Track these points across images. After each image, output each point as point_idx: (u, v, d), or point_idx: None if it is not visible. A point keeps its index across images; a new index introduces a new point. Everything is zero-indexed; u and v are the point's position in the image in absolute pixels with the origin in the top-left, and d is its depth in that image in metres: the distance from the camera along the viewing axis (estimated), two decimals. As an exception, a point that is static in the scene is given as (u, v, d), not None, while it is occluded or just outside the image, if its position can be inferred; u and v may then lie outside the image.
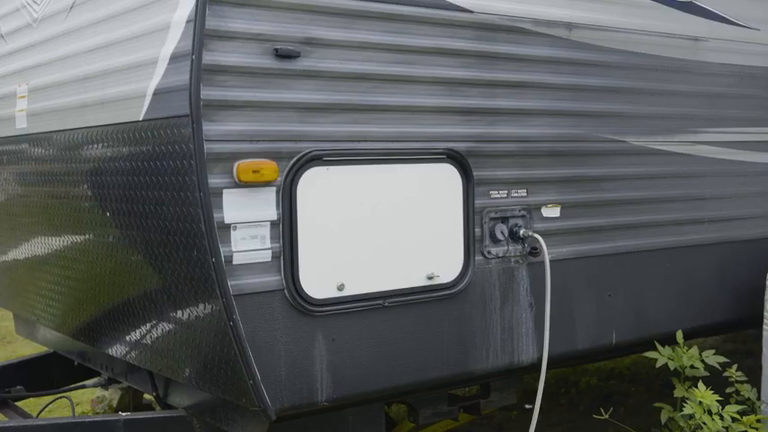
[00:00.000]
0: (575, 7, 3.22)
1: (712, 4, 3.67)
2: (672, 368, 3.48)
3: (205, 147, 2.40)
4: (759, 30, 3.84)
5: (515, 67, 3.07)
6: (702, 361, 3.51)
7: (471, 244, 2.97)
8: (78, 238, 3.29)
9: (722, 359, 3.60)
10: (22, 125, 3.52)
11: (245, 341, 2.48)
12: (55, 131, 3.26)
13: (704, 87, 3.66)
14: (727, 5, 3.74)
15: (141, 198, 2.70)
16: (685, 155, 3.61)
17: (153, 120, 2.59)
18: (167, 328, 2.84)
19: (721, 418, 3.31)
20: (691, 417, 3.32)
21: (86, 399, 4.76)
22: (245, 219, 2.48)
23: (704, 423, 3.27)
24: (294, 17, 2.55)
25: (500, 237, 3.04)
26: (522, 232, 3.09)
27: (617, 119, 3.38)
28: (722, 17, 3.72)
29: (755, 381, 3.70)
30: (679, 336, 3.53)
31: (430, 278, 2.90)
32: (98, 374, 3.95)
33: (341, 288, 2.71)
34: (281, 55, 2.53)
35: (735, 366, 3.69)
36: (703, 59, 3.65)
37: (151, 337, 2.95)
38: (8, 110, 3.63)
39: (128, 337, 3.10)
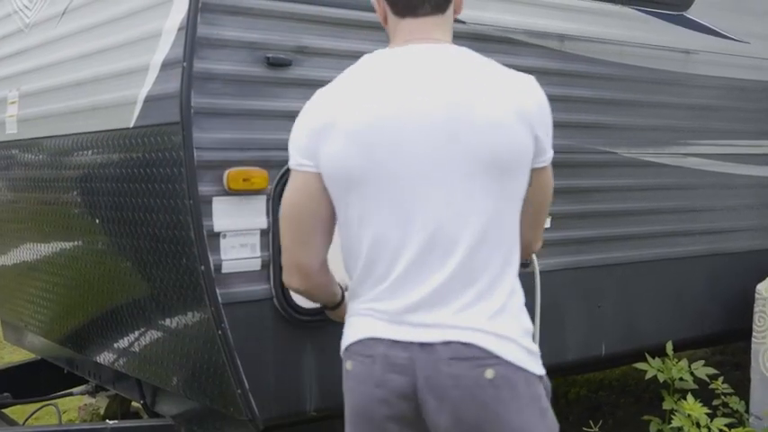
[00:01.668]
0: (567, 19, 3.23)
1: (703, 17, 3.69)
2: (661, 380, 3.48)
3: (195, 154, 2.40)
4: (749, 43, 3.86)
5: (507, 78, 3.07)
6: (691, 373, 3.51)
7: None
8: (68, 245, 3.28)
9: (711, 371, 3.60)
10: (12, 131, 3.51)
11: (234, 350, 2.47)
12: (45, 137, 3.25)
13: (695, 100, 3.68)
14: (718, 19, 3.76)
15: (131, 205, 2.69)
16: (676, 167, 3.62)
17: (144, 127, 2.59)
18: (156, 336, 2.83)
19: (709, 430, 3.31)
20: (679, 429, 3.33)
21: (74, 406, 4.73)
22: (235, 227, 2.47)
23: (693, 435, 3.28)
24: (286, 25, 2.54)
25: (490, 247, 3.04)
26: (512, 243, 3.08)
27: (608, 130, 3.39)
28: (713, 30, 3.74)
29: (744, 393, 3.70)
30: (669, 347, 3.53)
31: (420, 288, 2.89)
32: (86, 382, 3.93)
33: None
34: (273, 63, 2.53)
35: (721, 379, 3.69)
36: (694, 72, 3.67)
37: (139, 344, 2.93)
38: (-1, 115, 3.62)
39: (116, 345, 3.08)
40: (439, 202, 1.74)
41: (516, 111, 1.75)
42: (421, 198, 1.74)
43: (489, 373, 1.72)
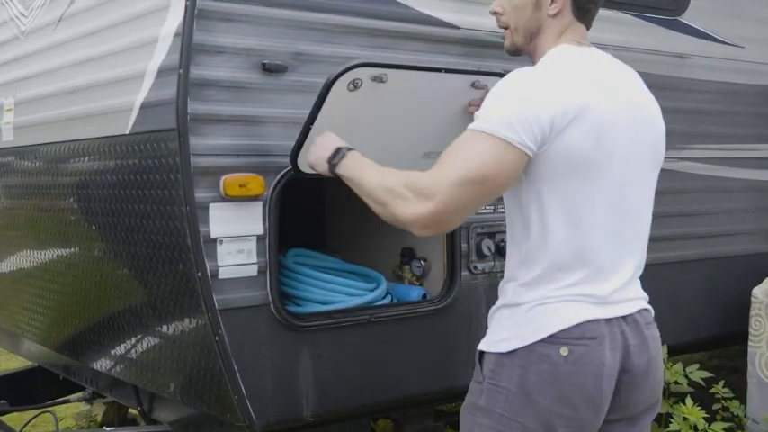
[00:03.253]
0: (562, 24, 3.24)
1: (698, 21, 3.70)
2: (658, 384, 3.48)
3: (192, 161, 2.40)
4: (744, 47, 3.88)
5: (502, 83, 3.07)
6: (686, 377, 3.51)
7: (458, 260, 2.97)
8: (64, 252, 3.28)
9: (707, 375, 3.61)
10: (8, 138, 3.51)
11: (231, 356, 2.47)
12: (41, 144, 3.25)
13: (689, 104, 3.69)
14: (713, 23, 3.77)
15: (127, 212, 2.70)
16: (671, 171, 3.63)
17: (140, 133, 2.59)
18: (152, 343, 2.82)
19: (707, 434, 3.32)
20: (676, 433, 3.33)
21: (70, 413, 4.73)
22: (232, 233, 2.47)
23: (690, 439, 3.28)
24: (282, 32, 2.55)
25: (486, 252, 3.04)
26: (508, 248, 3.09)
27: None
28: (708, 35, 3.75)
29: (741, 397, 3.71)
30: (663, 351, 3.53)
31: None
32: (83, 389, 3.92)
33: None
34: (269, 69, 2.53)
35: (722, 383, 3.70)
36: (689, 76, 3.68)
37: (136, 351, 2.93)
38: (-5, 122, 3.62)
39: (113, 352, 3.08)
40: (638, 193, 2.03)
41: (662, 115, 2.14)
42: (627, 191, 1.98)
43: (658, 331, 2.08)
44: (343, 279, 2.84)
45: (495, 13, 2.22)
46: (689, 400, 3.36)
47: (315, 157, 2.17)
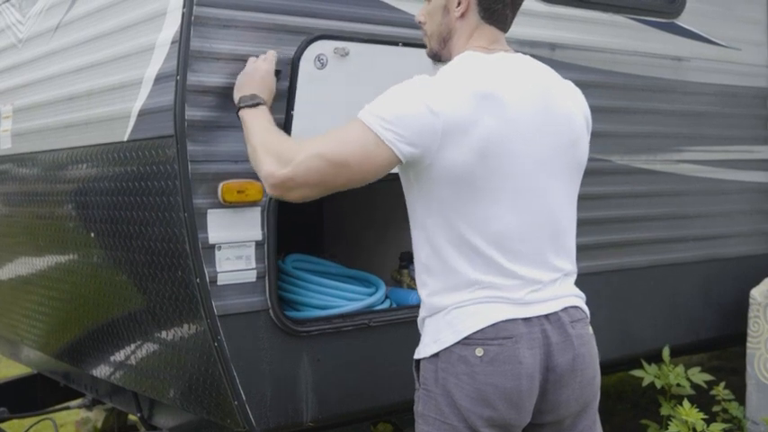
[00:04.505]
0: (558, 27, 3.25)
1: (694, 24, 3.71)
2: (658, 386, 3.49)
3: (190, 167, 2.40)
4: (740, 50, 3.89)
5: (499, 87, 3.08)
6: (688, 379, 3.52)
7: (456, 263, 2.96)
8: (62, 259, 3.28)
9: (708, 377, 3.61)
10: (6, 145, 3.52)
11: (230, 362, 2.47)
12: (39, 152, 3.26)
13: (687, 106, 3.70)
14: (710, 26, 3.78)
15: (126, 218, 2.70)
16: (668, 173, 3.64)
17: (138, 140, 2.59)
18: (152, 349, 2.83)
19: (706, 436, 3.32)
20: (676, 434, 3.33)
21: (71, 420, 4.73)
22: (230, 239, 2.48)
23: (689, 441, 3.29)
24: (278, 38, 2.55)
25: (485, 256, 3.04)
26: (507, 251, 3.09)
27: (601, 138, 3.39)
28: (704, 38, 3.77)
29: (740, 398, 3.71)
30: (665, 353, 3.54)
31: (415, 297, 2.89)
32: (82, 395, 3.92)
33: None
34: (266, 75, 2.52)
35: (722, 384, 3.70)
36: (686, 79, 3.69)
37: (135, 357, 2.93)
38: (-7, 130, 3.63)
39: (112, 358, 3.08)
40: (553, 197, 2.02)
41: (586, 118, 2.17)
42: (538, 196, 1.99)
43: (590, 329, 2.09)
44: (341, 284, 2.84)
45: (419, 22, 2.21)
46: (686, 402, 3.36)
47: (236, 86, 2.35)
